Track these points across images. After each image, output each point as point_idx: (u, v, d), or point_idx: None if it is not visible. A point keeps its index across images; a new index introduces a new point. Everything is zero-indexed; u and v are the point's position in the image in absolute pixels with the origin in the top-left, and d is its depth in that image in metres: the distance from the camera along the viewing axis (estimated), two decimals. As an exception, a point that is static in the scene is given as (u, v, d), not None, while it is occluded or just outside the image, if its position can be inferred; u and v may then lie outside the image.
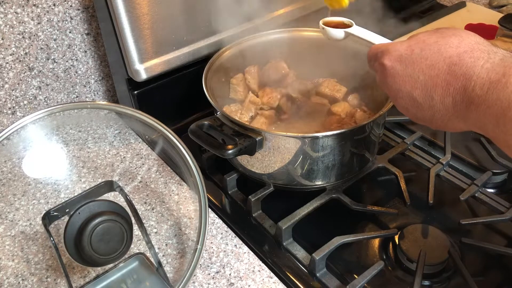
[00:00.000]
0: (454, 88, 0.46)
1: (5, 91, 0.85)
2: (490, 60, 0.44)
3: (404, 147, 0.84)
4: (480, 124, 0.45)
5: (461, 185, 0.78)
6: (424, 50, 0.49)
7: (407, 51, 0.51)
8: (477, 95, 0.44)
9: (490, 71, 0.43)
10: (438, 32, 0.50)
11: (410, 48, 0.50)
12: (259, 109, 0.82)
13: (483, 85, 0.43)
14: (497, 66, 0.43)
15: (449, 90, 0.47)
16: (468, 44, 0.47)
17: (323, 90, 0.84)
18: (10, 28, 0.81)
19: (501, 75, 0.42)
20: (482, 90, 0.43)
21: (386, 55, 0.53)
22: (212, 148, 0.66)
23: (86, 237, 0.52)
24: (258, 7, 0.91)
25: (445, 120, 0.49)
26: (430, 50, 0.49)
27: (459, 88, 0.46)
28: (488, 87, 0.43)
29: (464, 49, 0.46)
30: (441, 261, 0.64)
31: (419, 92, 0.49)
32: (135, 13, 0.77)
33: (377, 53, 0.55)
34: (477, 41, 0.47)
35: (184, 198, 0.77)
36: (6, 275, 0.66)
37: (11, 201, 0.77)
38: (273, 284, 0.63)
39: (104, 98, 0.99)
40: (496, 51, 0.45)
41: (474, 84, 0.44)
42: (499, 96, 0.42)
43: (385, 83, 0.54)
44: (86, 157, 0.85)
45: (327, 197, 0.73)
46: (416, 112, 0.52)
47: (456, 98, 0.46)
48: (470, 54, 0.46)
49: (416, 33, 0.53)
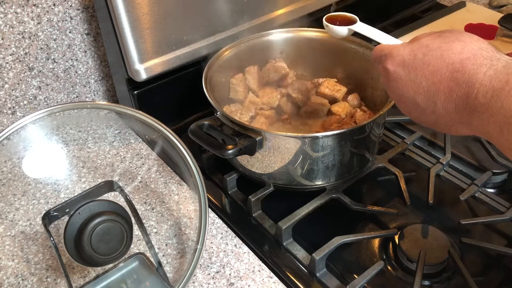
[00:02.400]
0: (457, 95, 0.46)
1: (5, 91, 0.85)
2: (493, 67, 0.44)
3: (404, 147, 0.84)
4: (484, 130, 0.44)
5: (461, 185, 0.78)
6: (427, 55, 0.49)
7: (410, 56, 0.50)
8: (480, 103, 0.43)
9: (493, 79, 0.43)
10: (441, 37, 0.49)
11: (413, 53, 0.50)
12: (259, 109, 0.82)
13: (486, 92, 0.43)
14: (500, 74, 0.43)
15: (452, 96, 0.46)
16: (471, 50, 0.46)
17: (323, 90, 0.84)
18: (10, 28, 0.81)
19: (504, 82, 0.42)
20: (485, 98, 0.43)
21: (389, 59, 0.53)
22: (212, 148, 0.66)
23: (86, 237, 0.52)
24: (258, 7, 0.91)
25: (449, 124, 0.49)
26: (432, 56, 0.48)
27: (461, 95, 0.45)
28: (491, 94, 0.42)
29: (467, 55, 0.46)
30: (441, 261, 0.64)
31: (422, 97, 0.49)
32: (135, 13, 0.77)
33: (381, 56, 0.55)
34: (480, 47, 0.47)
35: (184, 198, 0.77)
36: (6, 275, 0.66)
37: (11, 201, 0.77)
38: (273, 284, 0.63)
39: (104, 98, 0.99)
40: (499, 58, 0.45)
41: (477, 91, 0.44)
42: (502, 104, 0.41)
43: (389, 87, 0.54)
44: (86, 157, 0.85)
45: (327, 197, 0.73)
46: (420, 116, 0.52)
47: (459, 105, 0.46)
48: (473, 60, 0.45)
49: (419, 36, 0.53)
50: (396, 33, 1.12)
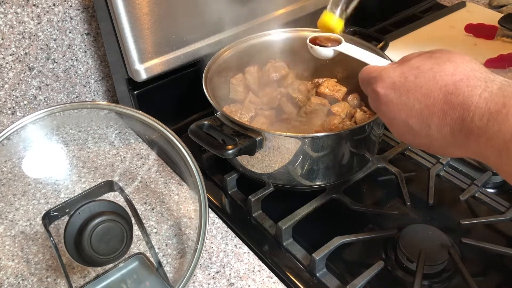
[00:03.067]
0: (452, 118, 0.45)
1: (5, 91, 0.85)
2: (488, 89, 0.43)
3: (404, 147, 0.84)
4: (481, 154, 0.43)
5: (461, 185, 0.78)
6: (419, 77, 0.47)
7: (401, 78, 0.49)
8: (476, 126, 0.42)
9: (489, 101, 0.42)
10: (432, 58, 0.48)
11: (403, 75, 0.49)
12: (259, 109, 0.82)
13: (483, 115, 0.42)
14: (496, 96, 0.42)
15: (446, 119, 0.45)
16: (463, 72, 0.45)
17: (323, 90, 0.84)
18: (10, 28, 0.81)
19: (501, 105, 0.41)
20: (481, 121, 0.42)
21: (378, 81, 0.51)
22: (212, 148, 0.66)
23: (86, 237, 0.52)
24: (258, 7, 0.91)
25: (443, 147, 0.48)
26: (424, 78, 0.47)
27: (456, 118, 0.44)
28: (488, 118, 0.41)
29: (460, 77, 0.45)
30: (441, 261, 0.64)
31: (415, 120, 0.48)
32: (135, 13, 0.77)
33: (369, 78, 0.53)
34: (473, 68, 0.45)
35: (184, 198, 0.77)
36: (6, 275, 0.66)
37: (11, 201, 0.77)
38: (273, 284, 0.63)
39: (104, 98, 0.99)
40: (494, 79, 0.44)
41: (472, 114, 0.43)
42: (500, 128, 0.40)
43: (379, 110, 0.52)
44: (86, 157, 0.85)
45: (327, 197, 0.73)
46: (413, 139, 0.50)
47: (454, 128, 0.45)
48: (467, 82, 0.44)
49: (408, 56, 0.51)
50: (396, 33, 1.12)
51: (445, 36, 1.12)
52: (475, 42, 1.09)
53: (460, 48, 1.03)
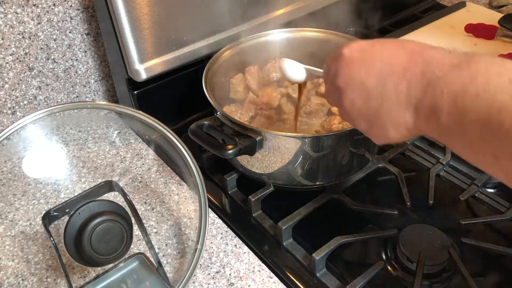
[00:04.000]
0: (411, 72, 0.44)
1: (5, 91, 0.85)
2: (452, 52, 0.44)
3: (404, 147, 0.84)
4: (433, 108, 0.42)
5: (461, 185, 0.78)
6: (385, 44, 0.49)
7: (369, 45, 0.50)
8: (436, 76, 0.42)
9: (453, 58, 0.42)
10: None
11: (372, 43, 0.50)
12: (259, 109, 0.82)
13: (443, 66, 0.42)
14: (460, 56, 0.42)
15: (406, 75, 0.45)
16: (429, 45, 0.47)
17: (323, 90, 0.84)
18: (10, 28, 0.81)
19: (463, 60, 0.41)
20: (442, 71, 0.42)
21: (346, 47, 0.51)
22: (212, 148, 0.66)
23: (86, 237, 0.52)
24: (258, 7, 0.91)
25: (392, 112, 0.47)
26: (392, 44, 0.49)
27: (417, 73, 0.44)
28: (448, 68, 0.41)
29: (427, 46, 0.46)
30: (441, 261, 0.64)
31: (372, 79, 0.48)
32: (135, 13, 0.77)
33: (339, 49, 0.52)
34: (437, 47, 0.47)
35: (184, 198, 0.77)
36: (6, 275, 0.66)
37: (11, 201, 0.77)
38: (273, 284, 0.63)
39: (104, 98, 0.99)
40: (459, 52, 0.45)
41: (434, 68, 0.43)
42: (461, 73, 0.40)
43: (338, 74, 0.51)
44: (86, 157, 0.85)
45: (327, 197, 0.73)
46: (362, 105, 0.49)
47: (412, 82, 0.44)
48: (433, 49, 0.45)
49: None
50: (396, 33, 1.12)
51: (445, 36, 1.11)
52: (475, 42, 1.09)
53: (460, 48, 1.03)
